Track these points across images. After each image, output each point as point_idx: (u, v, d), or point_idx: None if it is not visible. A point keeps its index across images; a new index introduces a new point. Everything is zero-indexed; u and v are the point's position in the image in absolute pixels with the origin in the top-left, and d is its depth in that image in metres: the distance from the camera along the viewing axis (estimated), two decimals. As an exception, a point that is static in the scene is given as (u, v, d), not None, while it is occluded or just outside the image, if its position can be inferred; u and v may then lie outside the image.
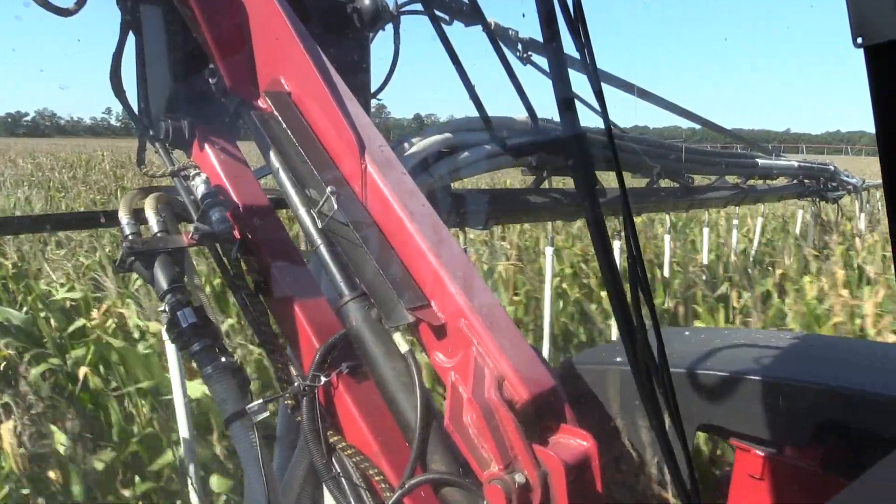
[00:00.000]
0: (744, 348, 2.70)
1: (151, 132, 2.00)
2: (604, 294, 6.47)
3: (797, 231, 10.41)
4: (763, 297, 6.79)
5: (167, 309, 1.76)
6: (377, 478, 1.60)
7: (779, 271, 7.90)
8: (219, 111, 1.98)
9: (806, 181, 8.59)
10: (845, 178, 9.58)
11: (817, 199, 9.69)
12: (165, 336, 2.74)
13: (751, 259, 9.12)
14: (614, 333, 5.89)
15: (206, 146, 1.97)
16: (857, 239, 9.34)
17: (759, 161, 6.93)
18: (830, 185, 9.22)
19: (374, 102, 2.61)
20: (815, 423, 2.27)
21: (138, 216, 1.88)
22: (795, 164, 8.16)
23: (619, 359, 2.58)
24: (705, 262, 8.17)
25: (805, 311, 5.87)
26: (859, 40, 1.33)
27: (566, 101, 1.18)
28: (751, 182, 7.09)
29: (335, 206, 1.61)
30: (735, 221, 9.06)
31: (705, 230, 8.36)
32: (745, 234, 10.53)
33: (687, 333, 3.14)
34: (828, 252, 8.63)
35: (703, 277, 7.47)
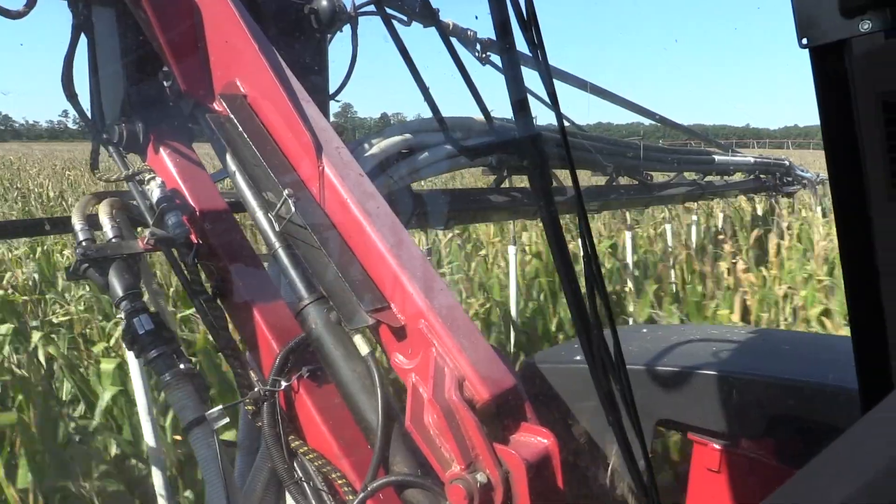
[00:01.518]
0: (700, 344, 2.76)
1: (105, 136, 1.96)
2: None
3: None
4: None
5: (123, 316, 1.74)
6: (339, 481, 1.60)
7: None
8: (174, 114, 1.96)
9: (762, 176, 8.76)
10: (800, 173, 9.79)
11: (773, 194, 9.86)
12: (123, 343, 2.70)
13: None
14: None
15: (162, 150, 1.94)
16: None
17: (716, 157, 7.06)
18: (786, 180, 9.40)
19: (339, 102, 2.60)
20: (769, 416, 2.32)
21: (92, 222, 1.85)
22: (752, 159, 8.31)
23: (578, 357, 2.61)
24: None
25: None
26: (804, 41, 1.38)
27: (520, 102, 1.20)
28: (708, 178, 7.22)
29: (293, 209, 1.60)
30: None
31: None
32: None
33: (644, 330, 3.20)
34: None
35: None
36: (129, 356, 2.80)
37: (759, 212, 11.51)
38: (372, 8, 2.62)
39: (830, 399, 2.22)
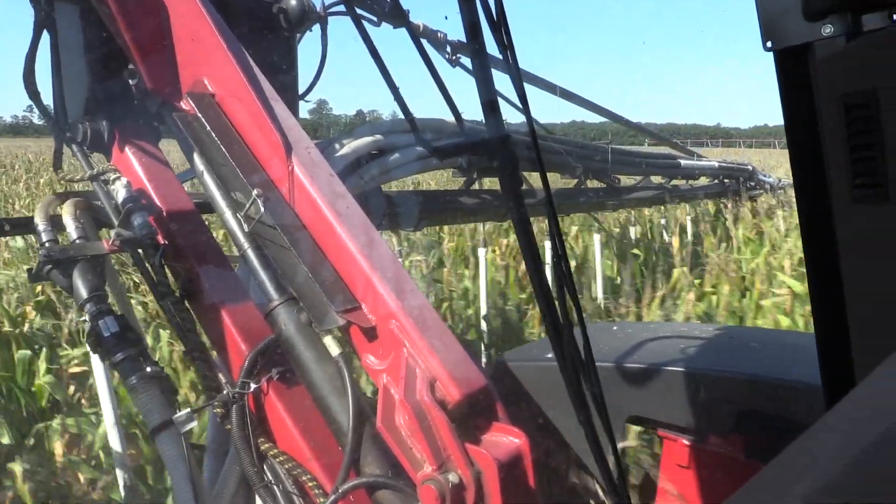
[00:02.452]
0: (669, 341, 2.78)
1: (69, 134, 1.93)
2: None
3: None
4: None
5: (88, 318, 1.71)
6: (310, 483, 1.58)
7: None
8: (139, 113, 1.93)
9: (726, 181, 9.00)
10: (763, 178, 10.11)
11: (737, 198, 10.12)
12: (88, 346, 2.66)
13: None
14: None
15: (127, 149, 1.91)
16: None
17: (682, 162, 7.21)
18: (749, 185, 9.70)
19: (308, 101, 2.59)
20: (737, 412, 2.35)
21: (55, 222, 1.81)
22: (716, 164, 8.52)
23: (549, 355, 2.62)
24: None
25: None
26: (768, 44, 1.40)
27: (490, 103, 1.20)
28: (674, 182, 7.36)
29: (262, 210, 1.58)
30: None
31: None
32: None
33: (615, 328, 3.22)
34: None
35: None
36: (94, 358, 2.75)
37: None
38: (342, 8, 2.61)
39: (796, 395, 2.26)
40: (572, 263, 7.50)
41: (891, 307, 1.27)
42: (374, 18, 2.74)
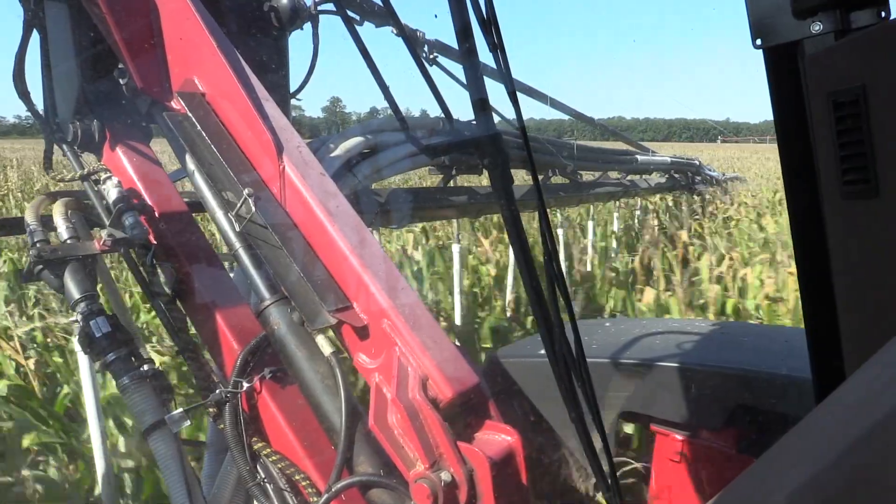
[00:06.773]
0: (661, 337, 2.80)
1: (59, 134, 1.92)
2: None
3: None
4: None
5: (79, 319, 1.70)
6: (304, 483, 1.59)
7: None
8: (130, 112, 1.92)
9: (676, 175, 9.52)
10: (709, 173, 10.82)
11: (685, 191, 10.53)
12: (78, 347, 2.64)
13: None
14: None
15: (118, 149, 1.91)
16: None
17: (639, 157, 7.69)
18: (696, 179, 10.25)
19: (299, 99, 2.58)
20: (729, 407, 2.37)
21: (46, 222, 1.81)
22: (668, 159, 9.06)
23: (541, 351, 2.63)
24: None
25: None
26: (758, 42, 1.41)
27: (481, 102, 1.20)
28: (630, 177, 7.80)
29: (253, 209, 1.58)
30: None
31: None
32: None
33: (608, 324, 3.23)
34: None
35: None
36: (81, 360, 2.73)
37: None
38: (329, 7, 2.60)
39: (785, 390, 2.27)
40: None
41: (880, 302, 1.28)
42: (357, 17, 2.73)
